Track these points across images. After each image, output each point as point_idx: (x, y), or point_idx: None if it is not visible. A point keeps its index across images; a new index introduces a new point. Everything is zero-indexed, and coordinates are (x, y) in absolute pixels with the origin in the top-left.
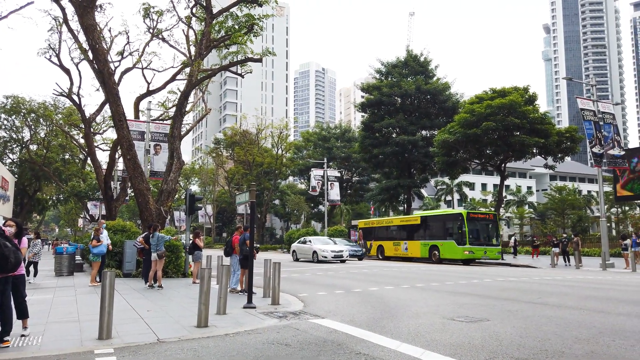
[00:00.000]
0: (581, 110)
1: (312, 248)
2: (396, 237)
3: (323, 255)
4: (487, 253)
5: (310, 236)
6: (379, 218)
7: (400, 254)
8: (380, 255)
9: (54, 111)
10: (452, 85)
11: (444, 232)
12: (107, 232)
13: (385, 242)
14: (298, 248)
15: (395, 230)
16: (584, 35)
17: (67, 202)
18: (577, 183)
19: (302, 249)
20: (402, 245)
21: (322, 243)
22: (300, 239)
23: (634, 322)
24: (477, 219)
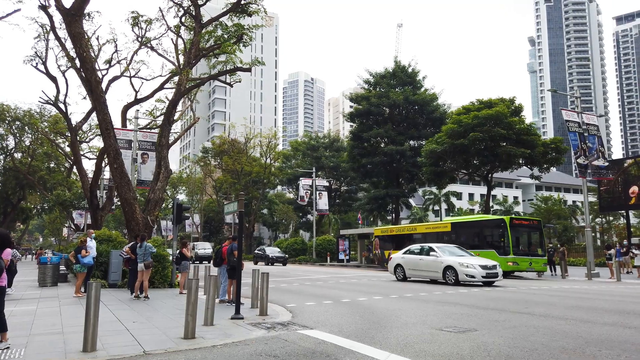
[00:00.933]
0: (566, 122)
1: (442, 262)
2: None
3: (467, 273)
4: (533, 264)
5: (430, 243)
6: (399, 225)
7: None
8: None
9: (40, 119)
10: (439, 96)
11: (482, 241)
12: (95, 243)
13: None
14: (409, 262)
15: (419, 239)
16: (568, 48)
17: (52, 211)
18: (563, 193)
19: (418, 264)
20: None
21: (453, 254)
22: (405, 248)
23: (619, 332)
24: (521, 226)
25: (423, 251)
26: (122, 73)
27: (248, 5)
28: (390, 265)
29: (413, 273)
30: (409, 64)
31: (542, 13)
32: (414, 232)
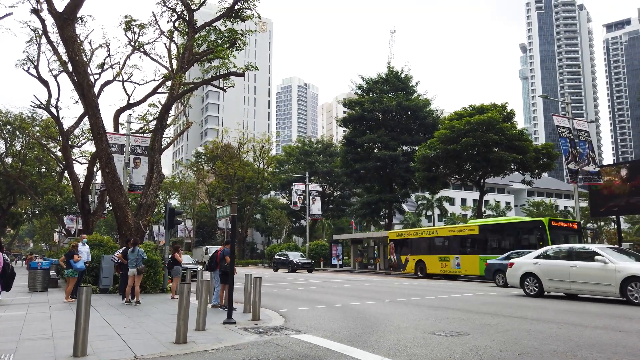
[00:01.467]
0: (557, 128)
1: (619, 270)
2: (443, 251)
3: None
4: None
5: (455, 247)
6: (417, 228)
7: (449, 271)
8: (421, 272)
9: (31, 123)
10: (432, 102)
11: (516, 245)
12: (88, 247)
13: (428, 257)
14: (550, 270)
15: (441, 243)
16: (559, 54)
17: (43, 216)
18: (554, 198)
19: (568, 273)
20: (452, 260)
21: (628, 259)
22: (537, 251)
23: (610, 336)
24: (560, 228)
25: (574, 254)
26: (114, 77)
27: (242, 10)
28: (514, 274)
29: (557, 286)
30: (402, 70)
31: (533, 20)
32: (435, 236)
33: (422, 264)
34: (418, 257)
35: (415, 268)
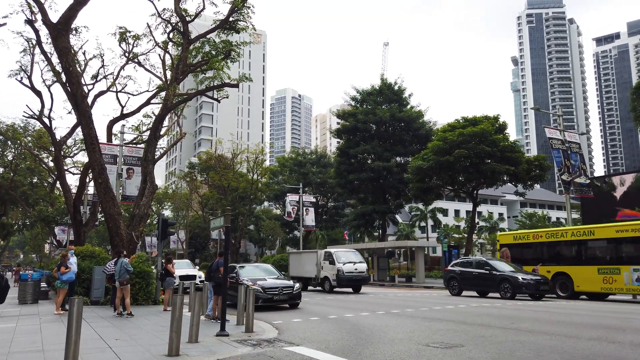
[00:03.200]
0: (549, 139)
1: None
2: (603, 260)
3: None
4: None
5: (617, 252)
6: (550, 228)
7: (620, 289)
8: (561, 290)
9: (23, 134)
10: (425, 114)
11: None
12: (75, 259)
13: (575, 269)
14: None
15: (598, 248)
16: (550, 67)
17: (34, 227)
18: (547, 210)
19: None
20: (626, 273)
21: None
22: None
23: (603, 347)
24: None
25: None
26: (108, 88)
27: (236, 22)
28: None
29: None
30: (395, 82)
31: (525, 34)
32: (586, 237)
33: (565, 279)
34: (557, 268)
35: (555, 284)
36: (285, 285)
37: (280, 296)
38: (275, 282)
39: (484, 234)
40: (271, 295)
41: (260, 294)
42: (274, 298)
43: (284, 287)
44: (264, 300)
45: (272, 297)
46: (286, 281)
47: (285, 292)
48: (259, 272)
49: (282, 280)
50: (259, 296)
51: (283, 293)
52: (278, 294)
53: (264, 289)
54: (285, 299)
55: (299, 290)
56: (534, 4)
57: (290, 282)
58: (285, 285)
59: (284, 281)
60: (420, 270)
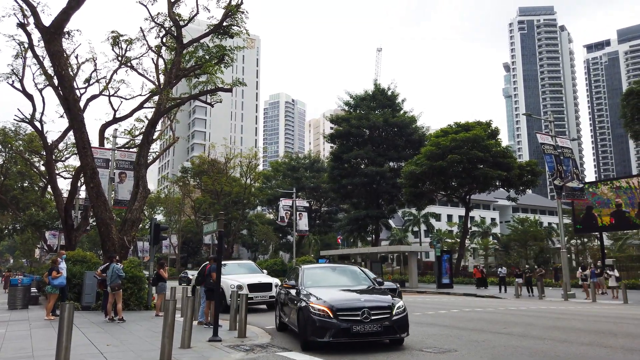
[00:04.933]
0: (541, 145)
1: None
2: None
3: None
4: None
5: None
6: None
7: None
8: None
9: (14, 137)
10: (418, 119)
11: None
12: (65, 264)
13: None
14: None
15: None
16: (542, 74)
17: (24, 232)
18: (538, 215)
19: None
20: None
21: None
22: None
23: (595, 352)
24: None
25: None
26: (100, 92)
27: (230, 27)
28: None
29: None
30: (389, 87)
31: (516, 40)
32: None
33: None
34: None
35: None
36: (375, 304)
37: (369, 327)
38: (354, 298)
39: (477, 239)
40: (349, 323)
41: (329, 321)
42: (355, 330)
43: (372, 307)
44: (335, 333)
45: (351, 330)
46: (377, 296)
47: (377, 316)
48: (334, 276)
49: (367, 295)
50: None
51: (372, 320)
52: (363, 320)
53: (336, 310)
54: (378, 332)
55: (403, 311)
56: (526, 11)
57: (383, 297)
58: (374, 304)
59: (372, 295)
60: (413, 275)
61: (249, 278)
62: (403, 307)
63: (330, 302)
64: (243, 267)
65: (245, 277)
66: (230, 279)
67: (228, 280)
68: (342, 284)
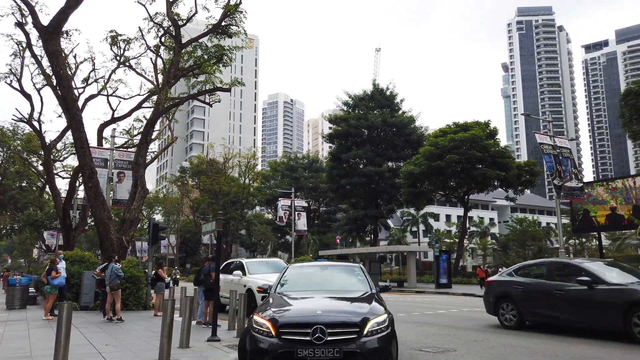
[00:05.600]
0: (540, 145)
1: None
2: None
3: None
4: None
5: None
6: None
7: None
8: None
9: (12, 137)
10: (417, 119)
11: None
12: (64, 263)
13: None
14: None
15: None
16: (540, 74)
17: (22, 232)
18: (537, 215)
19: None
20: None
21: None
22: None
23: (593, 351)
24: None
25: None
26: (99, 92)
27: (229, 26)
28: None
29: None
30: (387, 87)
31: (515, 40)
32: None
33: None
34: None
35: None
36: (335, 319)
37: (321, 351)
38: (311, 309)
39: (475, 239)
40: (294, 345)
41: (270, 340)
42: (301, 356)
43: (330, 323)
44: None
45: (296, 355)
46: (346, 306)
47: (336, 336)
48: (322, 278)
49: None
50: (267, 346)
51: (328, 342)
52: (314, 341)
53: (279, 326)
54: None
55: (385, 329)
56: (524, 12)
57: (353, 309)
58: (333, 319)
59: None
60: (411, 275)
61: None
62: (386, 323)
63: (275, 315)
64: (270, 266)
65: (275, 276)
66: (259, 279)
67: (257, 280)
68: (330, 288)
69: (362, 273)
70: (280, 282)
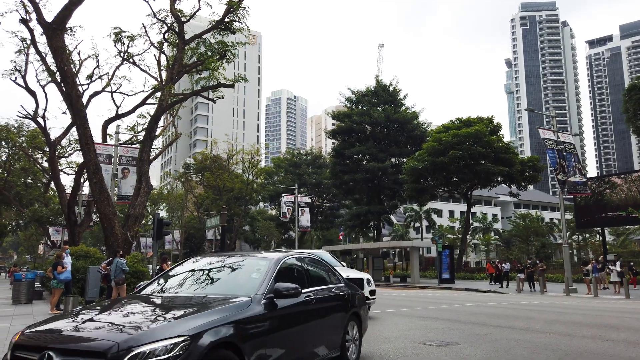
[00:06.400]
0: (544, 140)
1: None
2: None
3: None
4: None
5: None
6: None
7: None
8: None
9: (17, 134)
10: (420, 115)
11: None
12: (70, 258)
13: None
14: None
15: None
16: (544, 70)
17: (28, 228)
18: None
19: None
20: None
21: None
22: None
23: (597, 345)
24: None
25: None
26: (103, 88)
27: (232, 23)
28: None
29: None
30: (390, 83)
31: (518, 36)
32: None
33: None
34: None
35: None
36: (72, 347)
37: None
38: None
39: (478, 234)
40: None
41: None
42: None
43: (65, 350)
44: None
45: None
46: (130, 321)
47: None
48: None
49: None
50: None
51: None
52: None
53: (14, 347)
54: None
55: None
56: (528, 7)
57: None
58: (70, 347)
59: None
60: (414, 270)
61: None
62: (172, 353)
63: (32, 330)
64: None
65: None
66: None
67: None
68: (191, 291)
69: (267, 269)
70: (159, 279)
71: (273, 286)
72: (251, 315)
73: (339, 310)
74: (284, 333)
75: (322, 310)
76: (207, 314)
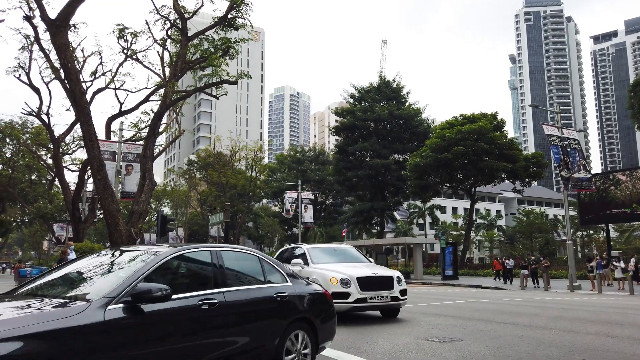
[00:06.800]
0: (548, 136)
1: None
2: None
3: None
4: None
5: None
6: None
7: None
8: None
9: (22, 131)
10: (423, 111)
11: None
12: (75, 254)
13: None
14: None
15: None
16: (548, 65)
17: (32, 224)
18: (544, 207)
19: None
20: None
21: None
22: None
23: (602, 341)
24: None
25: None
26: (107, 85)
27: (235, 19)
28: None
29: None
30: (394, 79)
31: (523, 32)
32: None
33: None
34: None
35: None
36: None
37: None
38: None
39: (482, 231)
40: None
41: None
42: None
43: None
44: None
45: None
46: None
47: None
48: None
49: None
50: None
51: None
52: None
53: None
54: None
55: None
56: (532, 2)
57: None
58: None
59: None
60: (418, 266)
61: (358, 269)
62: None
63: None
64: (341, 254)
65: (351, 267)
66: (329, 271)
67: (326, 272)
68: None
69: (142, 265)
70: (45, 275)
71: (134, 287)
72: (78, 325)
73: (270, 317)
74: (150, 350)
75: (234, 317)
76: (22, 319)
